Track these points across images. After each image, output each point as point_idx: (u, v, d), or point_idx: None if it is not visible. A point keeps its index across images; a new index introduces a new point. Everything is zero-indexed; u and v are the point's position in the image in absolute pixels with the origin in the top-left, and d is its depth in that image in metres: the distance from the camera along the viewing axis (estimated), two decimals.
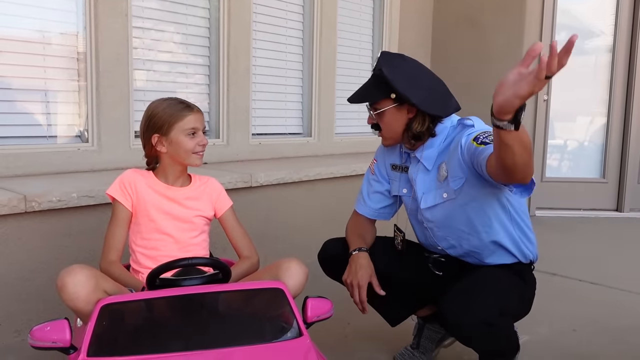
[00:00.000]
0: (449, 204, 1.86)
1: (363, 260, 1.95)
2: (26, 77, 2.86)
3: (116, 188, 1.85)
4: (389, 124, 1.89)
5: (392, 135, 1.92)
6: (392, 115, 1.86)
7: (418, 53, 5.40)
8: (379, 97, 1.86)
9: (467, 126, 1.81)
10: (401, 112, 1.86)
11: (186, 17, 3.51)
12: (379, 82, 1.85)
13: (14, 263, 2.29)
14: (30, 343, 1.37)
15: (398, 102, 1.84)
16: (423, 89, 1.85)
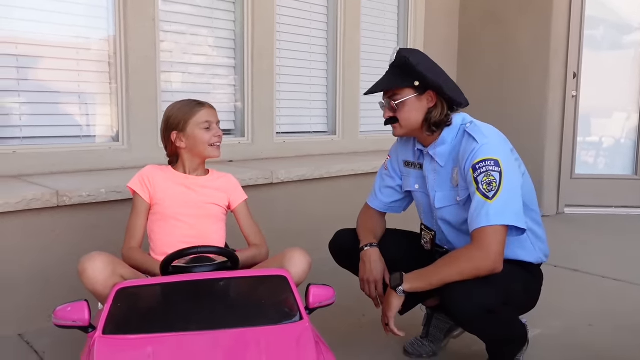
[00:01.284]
0: (461, 205, 1.91)
1: (375, 256, 2.02)
2: (61, 80, 3.04)
3: (136, 181, 1.99)
4: (409, 113, 1.91)
5: (410, 125, 1.94)
6: (412, 105, 1.90)
7: (444, 51, 5.42)
8: (403, 85, 1.90)
9: (471, 138, 1.84)
10: (421, 101, 1.90)
11: (212, 20, 3.65)
12: (402, 71, 1.89)
13: (48, 253, 2.47)
14: (54, 322, 1.51)
15: (419, 91, 1.89)
16: (442, 77, 1.93)
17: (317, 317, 2.23)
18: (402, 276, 1.79)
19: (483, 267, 1.70)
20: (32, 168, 2.87)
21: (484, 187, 1.72)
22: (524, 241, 1.92)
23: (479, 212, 1.72)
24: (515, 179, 1.78)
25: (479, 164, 1.76)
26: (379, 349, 2.31)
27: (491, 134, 1.85)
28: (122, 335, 1.43)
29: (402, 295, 1.80)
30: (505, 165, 1.75)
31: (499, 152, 1.78)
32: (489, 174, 1.73)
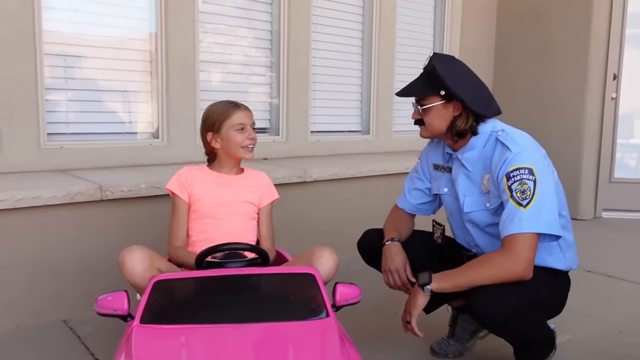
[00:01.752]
0: (491, 211, 1.94)
1: (395, 248, 2.07)
2: (105, 78, 3.18)
3: (174, 183, 2.08)
4: (434, 120, 1.96)
5: (434, 130, 1.99)
6: (437, 112, 1.95)
7: (481, 52, 5.38)
8: (428, 93, 1.95)
9: (505, 147, 1.86)
10: (447, 109, 1.94)
11: (249, 21, 3.74)
12: (430, 79, 1.94)
13: (91, 244, 2.60)
14: (96, 310, 1.62)
15: (446, 99, 1.93)
16: (471, 88, 1.95)
17: (347, 315, 2.30)
18: (431, 275, 1.83)
19: (513, 273, 1.73)
20: (78, 163, 3.01)
21: (517, 194, 1.75)
22: (553, 248, 1.93)
23: (511, 219, 1.74)
24: (549, 187, 1.80)
25: (513, 172, 1.78)
26: (405, 348, 2.35)
27: (524, 142, 1.87)
28: (158, 325, 1.52)
29: (429, 294, 1.84)
30: (539, 174, 1.77)
31: (533, 161, 1.80)
32: (523, 182, 1.75)
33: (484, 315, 1.77)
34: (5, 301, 2.42)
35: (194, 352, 1.41)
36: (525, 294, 1.75)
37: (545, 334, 1.98)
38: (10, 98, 2.78)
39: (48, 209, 2.48)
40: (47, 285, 2.51)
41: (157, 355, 1.41)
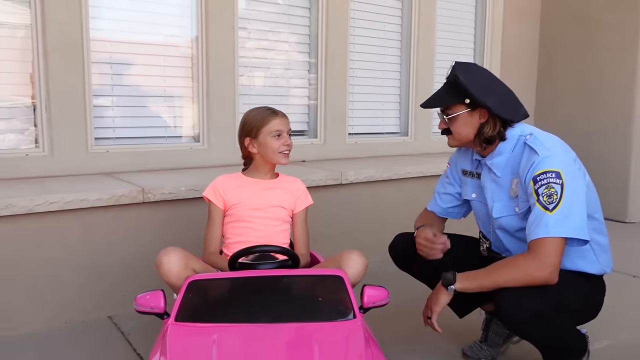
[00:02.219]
0: (520, 216, 1.93)
1: (425, 229, 2.07)
2: (149, 84, 3.31)
3: (210, 191, 2.16)
4: (461, 129, 1.97)
5: (462, 139, 2.00)
6: (464, 120, 1.95)
7: (524, 54, 5.29)
8: (452, 102, 1.96)
9: (532, 150, 1.85)
10: (473, 117, 1.95)
11: (288, 26, 3.81)
12: (453, 88, 1.95)
13: (133, 244, 2.72)
14: (135, 307, 1.71)
15: (471, 107, 1.93)
16: (496, 94, 1.95)
17: (380, 317, 2.33)
18: (455, 275, 1.84)
19: (537, 277, 1.72)
20: (122, 166, 3.15)
21: (544, 198, 1.74)
22: (586, 251, 1.90)
23: (537, 223, 1.73)
24: (578, 191, 1.78)
25: (540, 175, 1.77)
26: (436, 351, 2.36)
27: (553, 145, 1.85)
28: (192, 323, 1.59)
29: (452, 293, 1.85)
30: (567, 177, 1.75)
31: (560, 164, 1.78)
32: (550, 186, 1.74)
33: (508, 318, 1.77)
34: (56, 298, 2.56)
35: (224, 349, 1.47)
36: (552, 298, 1.74)
37: (575, 339, 1.95)
38: (60, 105, 2.93)
39: (95, 210, 2.61)
40: (94, 284, 2.64)
41: (190, 351, 1.48)
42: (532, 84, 5.43)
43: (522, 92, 5.27)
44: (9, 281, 2.46)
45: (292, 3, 3.81)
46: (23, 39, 2.86)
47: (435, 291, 1.92)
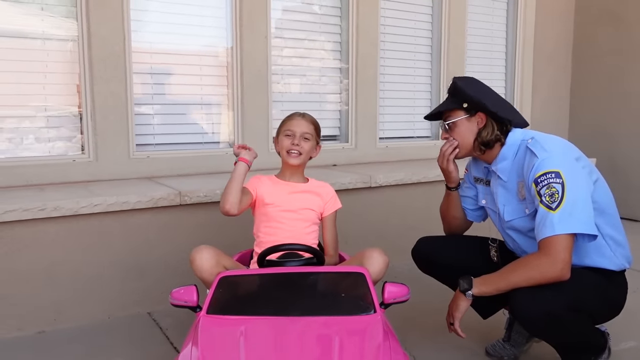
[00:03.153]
0: (530, 217, 1.98)
1: None
2: (187, 93, 3.48)
3: (248, 183, 2.27)
4: (462, 134, 2.07)
5: (464, 145, 2.08)
6: (464, 125, 2.06)
7: (557, 53, 5.26)
8: (452, 107, 2.07)
9: (532, 154, 1.91)
10: (472, 122, 2.05)
11: (320, 34, 3.92)
12: (453, 97, 2.09)
13: (172, 244, 2.87)
14: (170, 301, 1.84)
15: (469, 113, 2.04)
16: (492, 98, 2.07)
17: (407, 316, 2.41)
18: (472, 281, 1.91)
19: (550, 274, 1.77)
20: (162, 171, 3.32)
21: (546, 199, 1.79)
22: (602, 247, 1.94)
23: (543, 222, 1.79)
24: (581, 188, 1.82)
25: (540, 177, 1.83)
26: (460, 348, 2.41)
27: (552, 147, 1.90)
28: (222, 316, 1.71)
29: (471, 298, 1.91)
30: (567, 176, 1.80)
31: (559, 164, 1.83)
32: (551, 186, 1.79)
33: (522, 316, 1.82)
34: (99, 295, 2.73)
35: (252, 339, 1.58)
36: (565, 297, 1.78)
37: (591, 337, 1.97)
38: (105, 113, 3.12)
39: (135, 212, 2.77)
40: (134, 281, 2.80)
41: (220, 341, 1.60)
42: (566, 83, 5.39)
43: (556, 93, 5.30)
44: (57, 278, 2.64)
45: (324, 12, 3.93)
46: (71, 52, 3.07)
47: (455, 298, 2.00)
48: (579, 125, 5.35)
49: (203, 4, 3.45)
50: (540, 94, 5.17)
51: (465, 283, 1.92)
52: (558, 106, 5.36)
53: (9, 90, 2.95)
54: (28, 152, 3.02)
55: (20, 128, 2.99)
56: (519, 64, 4.96)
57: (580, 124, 5.34)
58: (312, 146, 2.26)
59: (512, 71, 5.00)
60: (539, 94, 5.16)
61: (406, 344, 1.68)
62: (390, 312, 1.88)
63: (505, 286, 1.85)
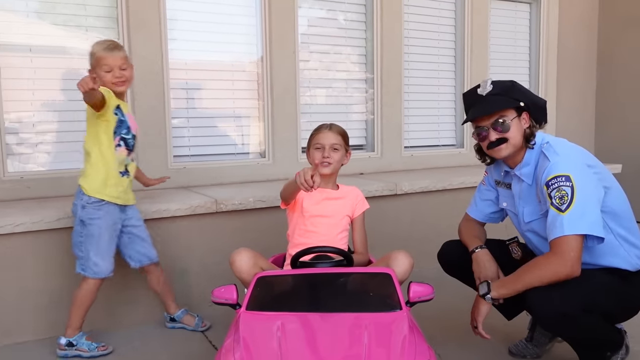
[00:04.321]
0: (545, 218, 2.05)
1: (486, 256, 2.23)
2: (220, 106, 3.66)
3: None
4: (515, 134, 2.10)
5: (517, 144, 2.11)
6: (516, 125, 2.10)
7: (581, 60, 5.31)
8: (509, 106, 2.09)
9: (545, 157, 2.02)
10: (520, 121, 2.12)
11: (345, 46, 4.08)
12: (503, 97, 2.10)
13: (209, 249, 3.04)
14: (212, 299, 2.00)
15: (518, 113, 2.10)
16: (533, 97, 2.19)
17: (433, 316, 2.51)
18: (489, 285, 2.02)
19: (561, 272, 1.87)
20: (198, 180, 3.50)
21: (556, 201, 1.90)
22: (616, 247, 2.03)
23: (554, 224, 1.89)
24: (590, 192, 1.92)
25: (551, 180, 1.93)
26: (484, 348, 2.51)
27: (564, 151, 2.01)
28: (260, 312, 1.86)
29: (490, 302, 2.03)
30: (577, 180, 1.90)
31: (569, 168, 1.93)
32: (560, 189, 1.90)
33: (537, 315, 1.92)
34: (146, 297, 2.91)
35: (287, 333, 1.72)
36: (578, 295, 1.87)
37: (607, 335, 2.04)
38: (145, 127, 3.31)
39: (175, 219, 2.96)
40: (175, 283, 2.97)
41: (259, 334, 1.75)
42: (592, 91, 5.43)
43: (581, 100, 5.34)
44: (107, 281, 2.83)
45: (349, 24, 4.08)
46: None
47: (475, 303, 2.12)
48: (605, 132, 5.38)
49: (234, 22, 3.64)
50: (565, 100, 5.23)
51: (484, 287, 2.04)
52: (583, 112, 5.40)
53: (58, 107, 3.17)
54: (70, 165, 3.19)
55: (60, 142, 3.20)
56: (542, 71, 5.03)
57: (606, 130, 5.37)
58: (342, 155, 2.41)
59: (536, 78, 5.08)
60: (564, 101, 5.22)
61: (432, 343, 1.78)
62: (417, 313, 2.00)
63: (521, 287, 1.95)
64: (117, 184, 2.45)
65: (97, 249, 2.40)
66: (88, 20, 3.21)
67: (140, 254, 2.63)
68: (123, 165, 2.49)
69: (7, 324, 2.64)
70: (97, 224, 2.39)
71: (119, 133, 2.43)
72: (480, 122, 2.13)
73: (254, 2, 3.69)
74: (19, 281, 2.66)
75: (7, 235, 2.59)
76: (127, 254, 2.62)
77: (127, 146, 2.49)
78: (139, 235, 2.61)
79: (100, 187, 2.41)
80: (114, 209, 2.46)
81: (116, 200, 2.45)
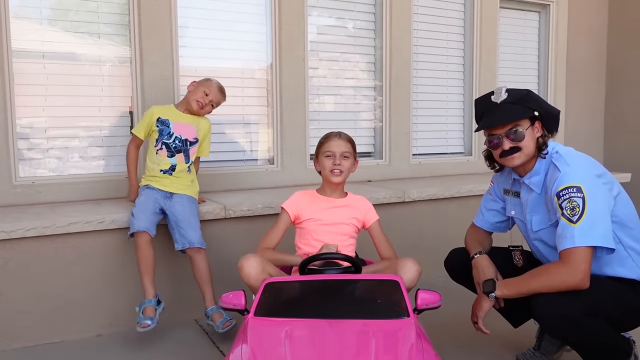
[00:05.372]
0: (554, 227, 2.06)
1: (486, 262, 2.24)
2: (230, 113, 3.67)
3: (289, 203, 2.46)
4: (529, 143, 2.09)
5: (530, 153, 2.10)
6: (530, 134, 2.10)
7: (591, 70, 5.31)
8: (525, 116, 2.08)
9: (556, 168, 2.02)
10: (534, 130, 2.12)
11: (354, 55, 4.10)
12: (517, 106, 2.09)
13: (218, 254, 3.05)
14: (220, 304, 2.01)
15: (532, 122, 2.10)
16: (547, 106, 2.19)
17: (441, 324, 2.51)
18: (495, 283, 2.03)
19: (568, 283, 1.87)
20: (207, 186, 3.51)
21: (567, 212, 1.89)
22: (625, 259, 2.02)
23: (564, 235, 1.89)
24: (601, 203, 1.91)
25: (562, 191, 1.93)
26: (492, 356, 2.51)
27: (575, 162, 2.00)
28: (268, 318, 1.87)
29: (493, 299, 2.04)
30: (588, 191, 1.90)
31: (581, 179, 1.93)
32: (572, 200, 1.89)
33: (541, 320, 1.92)
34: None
35: (296, 339, 1.73)
36: (583, 303, 1.87)
37: (613, 343, 2.02)
38: None
39: None
40: (182, 289, 2.99)
41: (267, 339, 1.75)
42: (601, 100, 5.42)
43: (590, 109, 5.33)
44: (114, 284, 2.85)
45: (358, 32, 4.11)
46: (123, 76, 3.32)
47: (478, 299, 2.13)
48: (614, 141, 5.36)
49: (244, 30, 3.67)
50: (574, 110, 5.22)
51: (488, 285, 2.04)
52: (592, 122, 5.40)
53: (69, 113, 3.21)
54: (82, 170, 3.25)
55: (72, 147, 3.23)
56: (551, 81, 5.03)
57: (615, 139, 5.36)
58: (351, 163, 2.43)
59: (544, 88, 5.08)
60: (573, 110, 5.21)
61: (439, 350, 1.78)
62: (424, 321, 2.00)
63: (526, 291, 1.96)
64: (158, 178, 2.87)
65: (137, 209, 2.75)
66: (100, 27, 3.25)
67: (182, 237, 2.77)
68: (168, 164, 2.86)
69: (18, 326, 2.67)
70: (142, 194, 2.84)
71: (160, 140, 2.87)
72: (494, 130, 2.13)
73: (264, 10, 3.73)
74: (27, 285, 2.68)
75: (19, 239, 2.62)
76: (173, 236, 2.82)
77: (169, 149, 2.86)
78: (182, 219, 2.79)
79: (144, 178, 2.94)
80: (156, 192, 2.82)
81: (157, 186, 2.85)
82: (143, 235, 2.69)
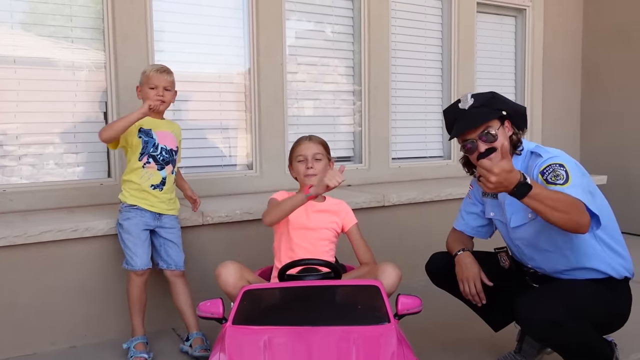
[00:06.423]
0: (533, 222, 2.08)
1: (468, 258, 2.25)
2: (207, 118, 3.64)
3: (278, 195, 2.42)
4: (503, 141, 2.08)
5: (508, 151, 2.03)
6: (502, 133, 2.11)
7: (566, 74, 5.39)
8: (493, 117, 2.09)
9: (538, 155, 2.05)
10: (505, 129, 2.13)
11: (332, 59, 4.09)
12: (485, 109, 2.11)
13: (195, 261, 3.00)
14: (198, 313, 1.96)
15: (502, 122, 2.12)
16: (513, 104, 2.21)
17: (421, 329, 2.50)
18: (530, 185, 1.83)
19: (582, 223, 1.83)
20: None
21: (552, 179, 1.91)
22: (599, 253, 2.04)
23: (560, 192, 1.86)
24: (581, 181, 1.93)
25: (546, 169, 1.96)
26: None
27: (555, 151, 2.05)
28: (247, 326, 1.83)
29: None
30: (571, 169, 1.93)
31: (563, 160, 1.97)
32: (556, 171, 1.92)
33: (524, 323, 1.91)
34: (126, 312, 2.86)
35: (275, 347, 1.69)
36: (566, 304, 1.87)
37: (596, 346, 2.03)
38: None
39: None
40: (159, 298, 2.93)
41: (246, 348, 1.72)
42: (577, 103, 5.49)
43: (566, 111, 5.40)
44: (89, 294, 2.78)
45: (336, 37, 4.10)
46: (97, 82, 3.26)
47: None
48: (590, 143, 5.43)
49: (222, 34, 3.64)
50: (551, 112, 5.29)
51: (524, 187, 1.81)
52: (568, 124, 5.47)
53: (42, 119, 3.13)
54: (56, 177, 3.18)
55: (46, 154, 3.16)
56: (528, 84, 5.09)
57: (591, 141, 5.43)
58: (325, 164, 2.40)
59: (521, 90, 5.13)
60: (549, 113, 5.27)
61: (420, 356, 1.76)
62: (405, 326, 1.98)
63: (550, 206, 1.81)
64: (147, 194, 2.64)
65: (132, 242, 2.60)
66: (74, 32, 3.19)
67: (169, 257, 2.69)
68: (159, 178, 2.66)
69: None
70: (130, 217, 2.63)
71: (145, 152, 2.64)
72: (467, 135, 2.13)
73: (241, 14, 3.69)
74: None
75: None
76: (155, 253, 2.71)
77: (156, 161, 2.66)
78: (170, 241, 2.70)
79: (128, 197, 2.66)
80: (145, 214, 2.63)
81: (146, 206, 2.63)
82: (143, 274, 2.59)
